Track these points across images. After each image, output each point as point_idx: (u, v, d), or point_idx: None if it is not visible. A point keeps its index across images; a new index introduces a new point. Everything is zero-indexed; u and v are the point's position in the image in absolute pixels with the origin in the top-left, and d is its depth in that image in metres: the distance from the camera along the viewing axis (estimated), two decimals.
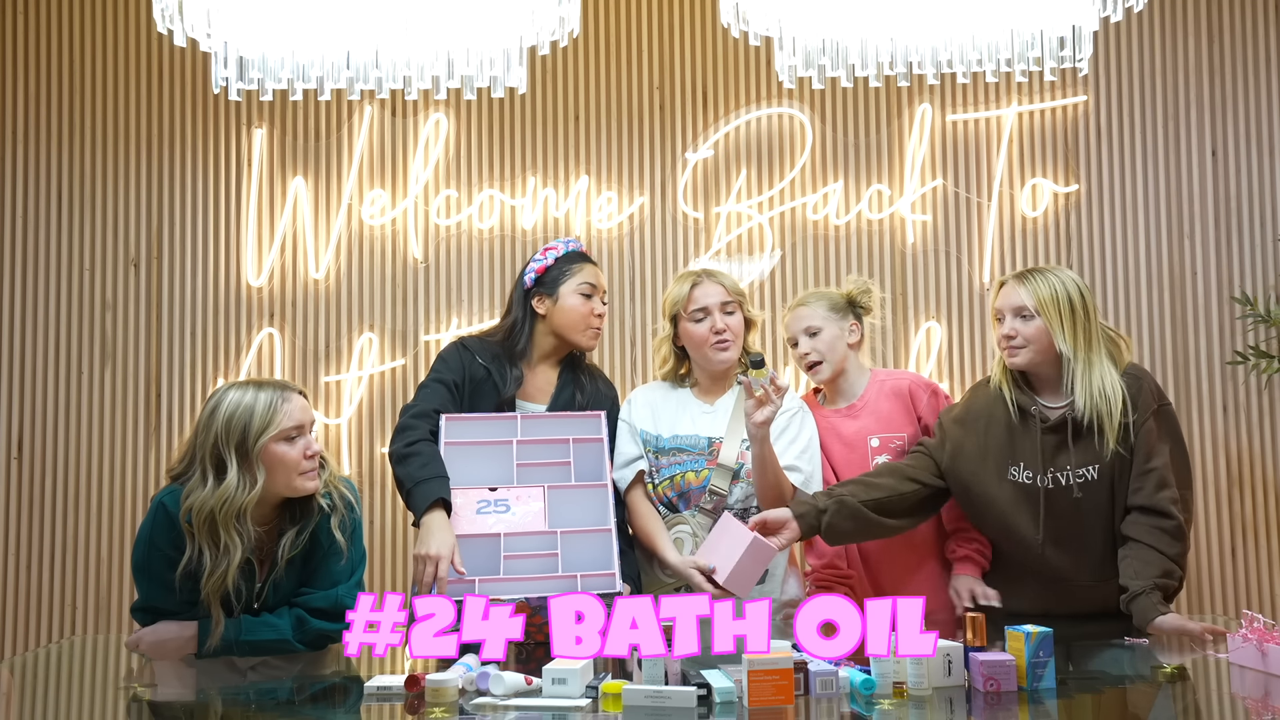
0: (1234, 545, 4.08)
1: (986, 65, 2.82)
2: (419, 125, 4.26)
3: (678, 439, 2.74)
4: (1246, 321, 4.05)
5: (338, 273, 4.22)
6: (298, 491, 2.35)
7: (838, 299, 2.89)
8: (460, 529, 2.40)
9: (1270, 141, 4.18)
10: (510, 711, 1.84)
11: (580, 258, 2.83)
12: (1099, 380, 2.52)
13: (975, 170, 4.23)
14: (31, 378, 4.21)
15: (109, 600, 4.14)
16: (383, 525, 4.15)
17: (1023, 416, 2.60)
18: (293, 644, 2.34)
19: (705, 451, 2.72)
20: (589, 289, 2.79)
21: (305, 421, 2.36)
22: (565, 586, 2.36)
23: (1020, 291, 2.60)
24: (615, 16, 4.31)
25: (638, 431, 2.77)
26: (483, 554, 2.42)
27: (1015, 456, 2.58)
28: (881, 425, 2.81)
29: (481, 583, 2.32)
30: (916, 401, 2.83)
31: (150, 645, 2.33)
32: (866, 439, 2.80)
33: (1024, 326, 2.59)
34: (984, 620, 2.02)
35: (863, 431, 2.80)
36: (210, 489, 2.28)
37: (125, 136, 4.27)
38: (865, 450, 2.79)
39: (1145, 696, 1.99)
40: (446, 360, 2.79)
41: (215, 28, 2.70)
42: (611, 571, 2.40)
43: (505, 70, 2.82)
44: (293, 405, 2.34)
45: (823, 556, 2.82)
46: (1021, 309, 2.59)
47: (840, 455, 2.81)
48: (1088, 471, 2.54)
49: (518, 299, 2.83)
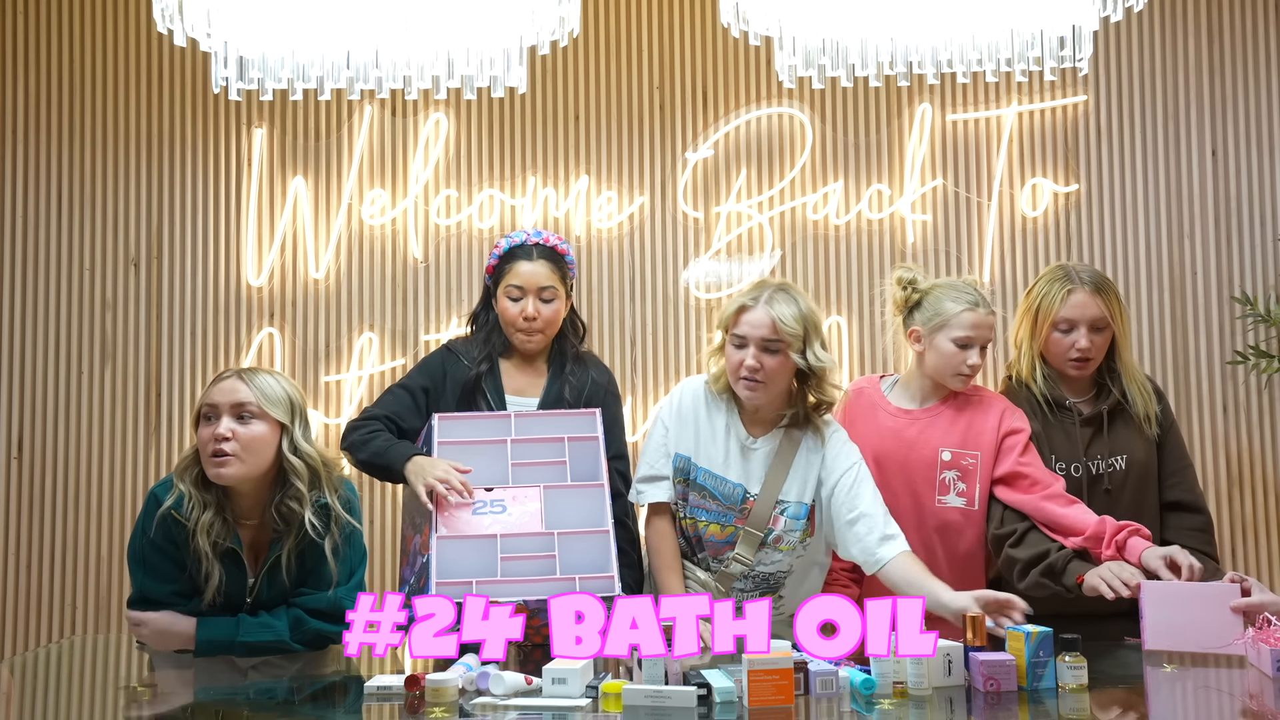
0: (1234, 545, 4.08)
1: (986, 65, 2.82)
2: (419, 125, 4.26)
3: (713, 479, 2.53)
4: (1246, 321, 4.05)
5: (338, 273, 4.22)
6: (212, 477, 2.34)
7: None
8: (457, 530, 2.39)
9: (1270, 141, 4.18)
10: (510, 711, 1.84)
11: (515, 255, 2.73)
12: (1137, 373, 2.68)
13: (975, 170, 4.23)
14: (31, 378, 4.21)
15: (109, 600, 4.14)
16: (383, 526, 4.15)
17: (1055, 410, 2.66)
18: (290, 645, 2.34)
19: (738, 507, 2.50)
20: (516, 292, 2.70)
21: (219, 402, 2.33)
22: (564, 589, 2.35)
23: (1098, 303, 2.62)
24: (615, 16, 4.31)
25: (672, 452, 2.56)
26: (480, 555, 2.41)
27: (1052, 448, 2.63)
28: (957, 438, 2.61)
29: (479, 584, 2.32)
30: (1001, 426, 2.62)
31: (153, 633, 2.33)
32: (937, 450, 2.62)
33: (1098, 338, 2.63)
34: (984, 620, 2.02)
35: (933, 443, 2.62)
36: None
37: (125, 136, 4.27)
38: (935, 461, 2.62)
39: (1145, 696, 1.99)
40: (422, 365, 2.79)
41: (215, 27, 2.70)
42: (610, 574, 2.39)
43: (505, 70, 2.82)
44: (220, 386, 2.36)
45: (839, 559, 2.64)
46: (1098, 320, 2.62)
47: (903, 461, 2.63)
48: (1117, 461, 2.63)
49: (482, 300, 2.83)
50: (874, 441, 2.63)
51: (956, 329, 2.59)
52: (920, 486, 2.61)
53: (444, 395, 2.72)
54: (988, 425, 2.61)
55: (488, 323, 2.79)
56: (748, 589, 2.54)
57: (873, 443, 2.62)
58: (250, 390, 2.35)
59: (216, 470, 2.31)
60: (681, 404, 2.58)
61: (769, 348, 2.44)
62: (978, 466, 2.59)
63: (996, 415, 2.63)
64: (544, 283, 2.70)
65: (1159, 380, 4.11)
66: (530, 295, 2.70)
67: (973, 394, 2.69)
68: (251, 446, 2.33)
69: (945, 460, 2.60)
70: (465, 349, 2.78)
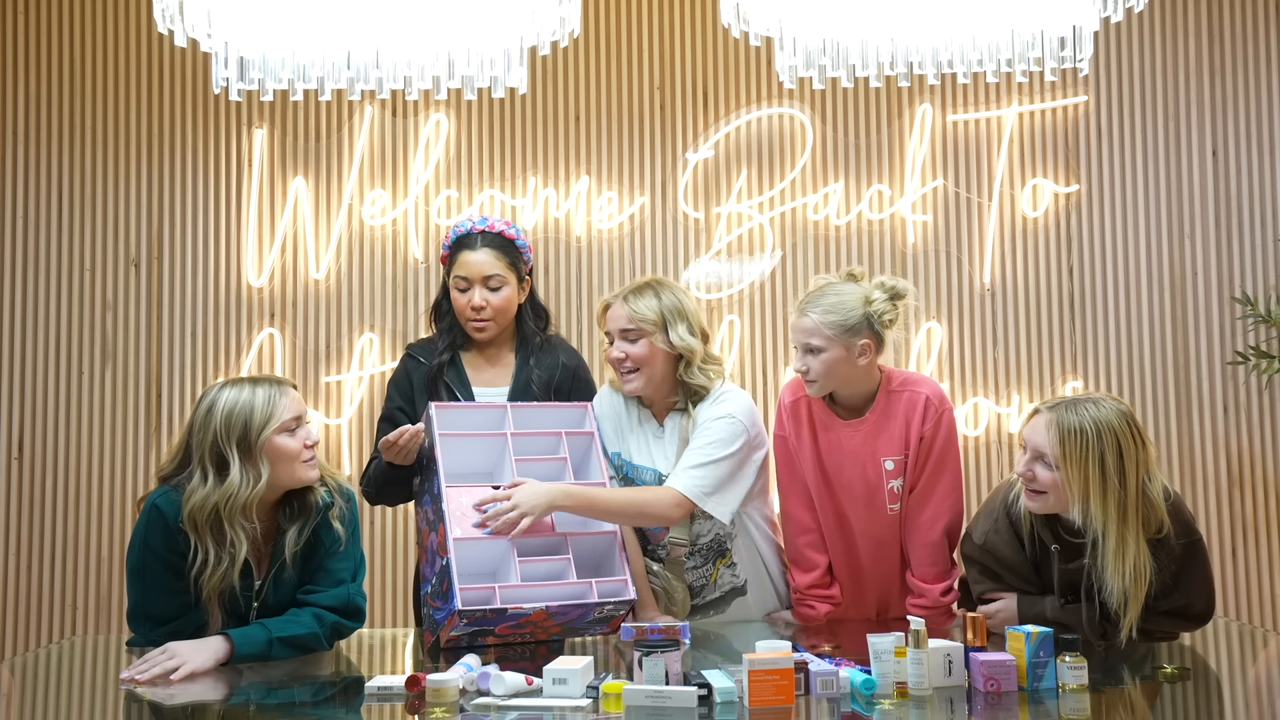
0: (1234, 545, 4.08)
1: (987, 65, 2.82)
2: (419, 125, 4.26)
3: (635, 470, 2.65)
4: (1247, 321, 4.05)
5: (338, 273, 4.22)
6: (301, 482, 2.36)
7: (854, 314, 2.51)
8: (469, 533, 2.37)
9: (1270, 141, 4.18)
10: (510, 711, 1.84)
11: (461, 245, 2.71)
12: (1130, 563, 2.21)
13: (976, 170, 4.23)
14: (31, 378, 4.21)
15: (109, 600, 4.14)
16: (382, 528, 4.16)
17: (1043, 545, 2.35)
18: (321, 639, 2.33)
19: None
20: (463, 283, 2.68)
21: (301, 412, 2.39)
22: (581, 592, 2.36)
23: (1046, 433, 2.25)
24: (615, 16, 4.31)
25: (611, 452, 2.67)
26: (494, 558, 2.39)
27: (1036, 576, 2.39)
28: (895, 445, 2.56)
29: (502, 590, 2.31)
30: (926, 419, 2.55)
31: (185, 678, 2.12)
32: (880, 460, 2.56)
33: (1044, 472, 2.26)
34: (984, 620, 2.02)
35: (875, 452, 2.57)
36: (212, 487, 2.27)
37: (125, 136, 4.27)
38: (880, 471, 2.57)
39: (1145, 697, 1.99)
40: (391, 385, 2.79)
41: (216, 28, 2.70)
42: (623, 578, 2.40)
43: (506, 70, 2.81)
44: (289, 398, 2.36)
45: (810, 572, 2.62)
46: (1041, 454, 2.26)
47: (850, 473, 2.59)
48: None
49: (441, 288, 2.80)
50: None
51: None
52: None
53: (418, 402, 2.71)
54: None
55: (448, 311, 2.77)
56: (699, 564, 2.64)
57: None
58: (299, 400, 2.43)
59: (312, 472, 2.37)
60: (601, 410, 2.68)
61: (628, 337, 2.58)
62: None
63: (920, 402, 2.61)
64: (489, 271, 2.68)
65: (1159, 381, 4.12)
66: (476, 285, 2.68)
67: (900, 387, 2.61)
68: None
69: (889, 470, 2.58)
70: (425, 349, 2.77)
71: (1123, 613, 2.21)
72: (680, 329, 2.58)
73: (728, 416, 2.54)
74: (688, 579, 2.63)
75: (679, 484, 2.49)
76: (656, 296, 2.61)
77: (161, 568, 2.31)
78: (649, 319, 2.58)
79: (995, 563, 2.38)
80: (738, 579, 2.65)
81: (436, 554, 2.39)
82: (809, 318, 2.52)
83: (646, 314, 2.58)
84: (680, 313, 2.60)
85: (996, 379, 4.18)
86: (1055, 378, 4.14)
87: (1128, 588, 2.19)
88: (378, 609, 4.11)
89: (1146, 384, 4.12)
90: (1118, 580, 2.20)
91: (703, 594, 2.65)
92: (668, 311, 2.59)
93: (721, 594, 2.65)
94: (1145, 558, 2.21)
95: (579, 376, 2.79)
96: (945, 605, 2.56)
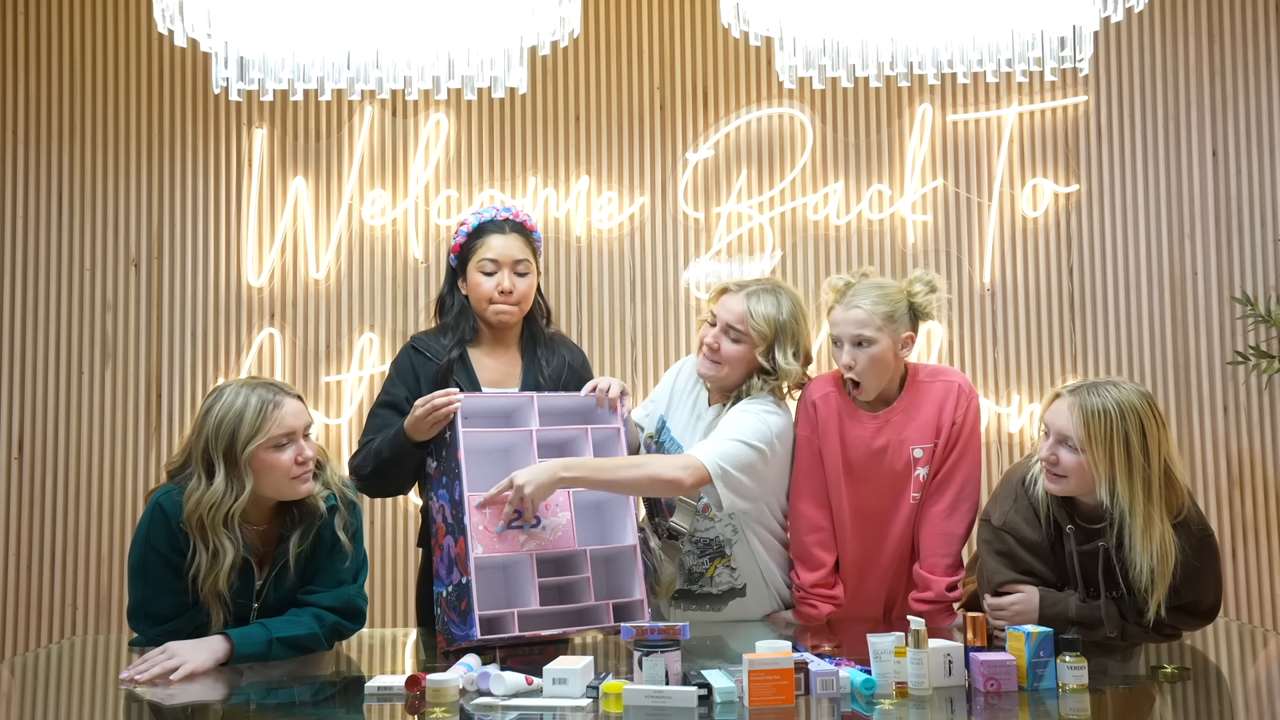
0: (1234, 545, 4.08)
1: (987, 65, 2.82)
2: (419, 125, 4.26)
3: (673, 444, 2.64)
4: (1247, 321, 4.05)
5: (338, 273, 4.22)
6: (289, 496, 2.32)
7: (900, 305, 2.52)
8: (491, 548, 2.33)
9: (1270, 141, 4.18)
10: (510, 711, 1.84)
11: (487, 230, 2.68)
12: (1156, 541, 2.21)
13: (976, 170, 4.23)
14: (31, 378, 4.21)
15: (109, 600, 4.14)
16: (383, 528, 4.15)
17: (1058, 528, 2.35)
18: (321, 640, 2.33)
19: None
20: (491, 265, 2.64)
21: (297, 427, 2.30)
22: (598, 614, 2.36)
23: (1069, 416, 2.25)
24: (615, 16, 4.31)
25: (659, 407, 2.72)
26: (514, 577, 2.37)
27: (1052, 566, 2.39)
28: (926, 433, 2.56)
29: (520, 615, 2.30)
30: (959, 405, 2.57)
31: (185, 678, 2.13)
32: (909, 448, 2.57)
33: (1068, 456, 2.27)
34: (984, 620, 2.02)
35: (905, 441, 2.57)
36: (203, 490, 2.26)
37: (125, 136, 4.27)
38: (908, 460, 2.57)
39: (1145, 697, 1.99)
40: (395, 374, 2.71)
41: (216, 28, 2.70)
42: (639, 598, 2.40)
43: (505, 70, 2.81)
44: (284, 411, 2.28)
45: (815, 571, 2.61)
46: (1065, 437, 2.27)
47: (876, 463, 2.58)
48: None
49: (447, 282, 2.76)
50: None
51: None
52: None
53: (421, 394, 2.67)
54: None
55: (455, 305, 2.73)
56: (695, 552, 2.65)
57: None
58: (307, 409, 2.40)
59: (302, 487, 2.31)
60: (681, 371, 2.74)
61: (732, 335, 2.54)
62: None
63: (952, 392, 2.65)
64: (518, 255, 2.67)
65: (1159, 381, 4.12)
66: (505, 268, 2.65)
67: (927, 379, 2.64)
68: None
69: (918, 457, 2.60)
70: (431, 343, 2.71)
71: (1149, 594, 2.22)
72: (788, 351, 2.52)
73: (762, 416, 2.52)
74: (686, 562, 2.63)
75: (697, 452, 2.46)
76: (778, 306, 2.53)
77: (162, 566, 2.30)
78: (762, 330, 2.51)
79: (1015, 543, 2.35)
80: (736, 581, 2.65)
81: (455, 563, 2.37)
82: (860, 309, 2.50)
83: (761, 325, 2.51)
84: (793, 334, 2.54)
85: (996, 379, 4.18)
86: (1055, 378, 4.14)
87: (1155, 566, 2.20)
88: (378, 609, 4.11)
89: (1146, 384, 4.12)
90: (1145, 559, 2.20)
91: (700, 584, 2.65)
92: (782, 330, 2.52)
93: (719, 592, 2.65)
94: (1170, 537, 2.22)
95: (582, 377, 2.76)
96: (948, 602, 2.56)
